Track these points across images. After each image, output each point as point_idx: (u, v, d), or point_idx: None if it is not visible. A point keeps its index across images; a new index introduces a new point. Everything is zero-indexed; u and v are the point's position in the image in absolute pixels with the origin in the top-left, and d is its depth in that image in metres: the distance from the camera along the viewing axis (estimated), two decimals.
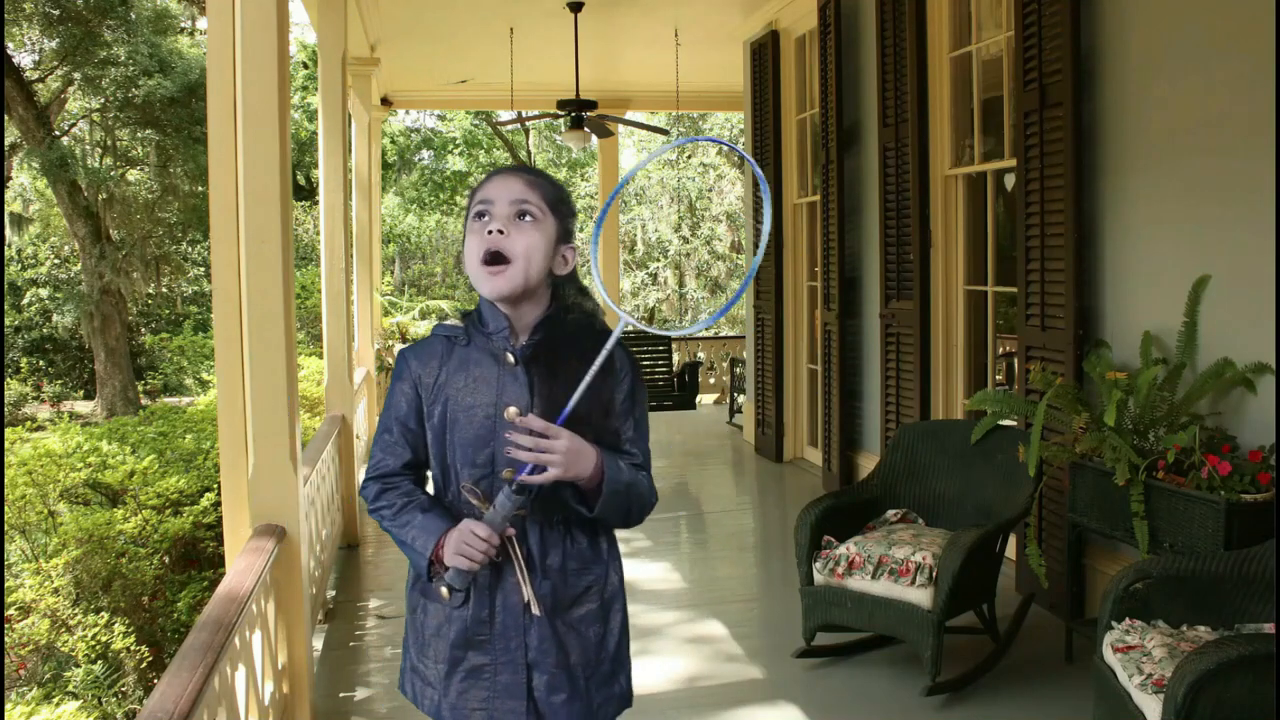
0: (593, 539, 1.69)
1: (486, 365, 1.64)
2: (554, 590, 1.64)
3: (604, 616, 1.69)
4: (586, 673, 1.67)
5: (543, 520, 1.64)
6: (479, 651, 1.65)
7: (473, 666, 1.65)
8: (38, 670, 4.92)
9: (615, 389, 1.65)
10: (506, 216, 1.60)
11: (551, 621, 1.64)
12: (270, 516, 2.88)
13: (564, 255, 1.65)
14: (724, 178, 19.88)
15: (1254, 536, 2.89)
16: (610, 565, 1.72)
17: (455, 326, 1.69)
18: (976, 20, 5.05)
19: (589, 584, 1.68)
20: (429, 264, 23.19)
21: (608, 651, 1.69)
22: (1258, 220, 3.21)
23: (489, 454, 1.62)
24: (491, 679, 1.64)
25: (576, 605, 1.66)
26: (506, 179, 1.63)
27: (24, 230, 17.57)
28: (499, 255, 1.58)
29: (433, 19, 7.66)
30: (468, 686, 1.65)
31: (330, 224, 5.56)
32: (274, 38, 2.78)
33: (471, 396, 1.63)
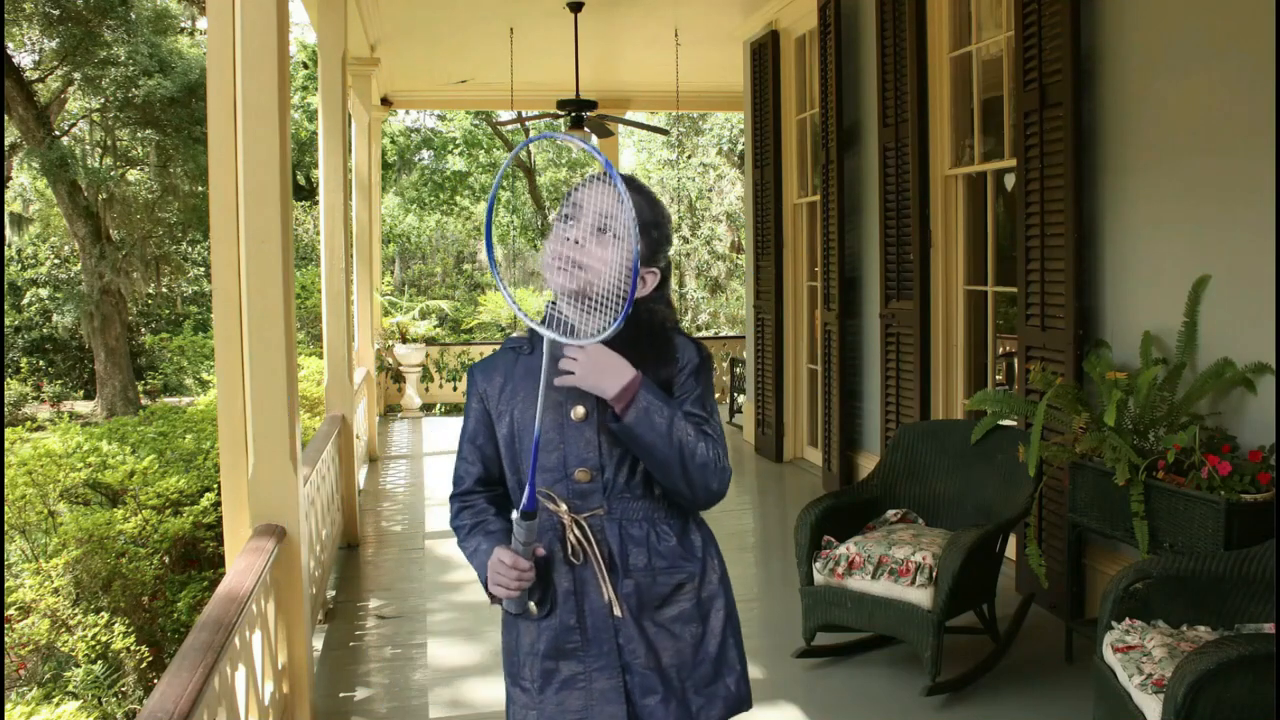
0: (683, 536, 1.64)
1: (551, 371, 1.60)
2: (638, 590, 1.60)
3: (701, 616, 1.64)
4: (682, 675, 1.61)
5: (622, 518, 1.61)
6: (572, 660, 1.61)
7: (567, 676, 1.61)
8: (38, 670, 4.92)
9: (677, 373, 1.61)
10: (589, 228, 1.57)
11: (639, 622, 1.60)
12: (270, 516, 2.88)
13: (644, 277, 1.61)
14: (724, 178, 19.88)
15: (1254, 536, 2.90)
16: (707, 563, 1.66)
17: (521, 338, 1.69)
18: (976, 20, 5.05)
19: (680, 582, 1.62)
20: (429, 264, 23.19)
21: (707, 653, 1.63)
22: (1258, 220, 3.21)
23: (559, 457, 1.60)
24: (587, 686, 1.60)
25: (667, 605, 1.62)
26: (601, 188, 1.58)
27: (24, 230, 17.58)
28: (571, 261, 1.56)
29: (433, 19, 7.66)
30: (564, 698, 1.61)
31: (330, 224, 5.56)
32: (274, 38, 2.78)
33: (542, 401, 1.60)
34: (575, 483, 1.60)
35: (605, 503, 1.59)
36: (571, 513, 1.60)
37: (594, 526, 1.60)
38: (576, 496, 1.60)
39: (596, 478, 1.60)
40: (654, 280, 1.63)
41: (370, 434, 7.97)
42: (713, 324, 19.90)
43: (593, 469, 1.59)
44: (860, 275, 6.13)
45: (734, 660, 1.67)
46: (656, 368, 1.60)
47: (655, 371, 1.59)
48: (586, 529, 1.59)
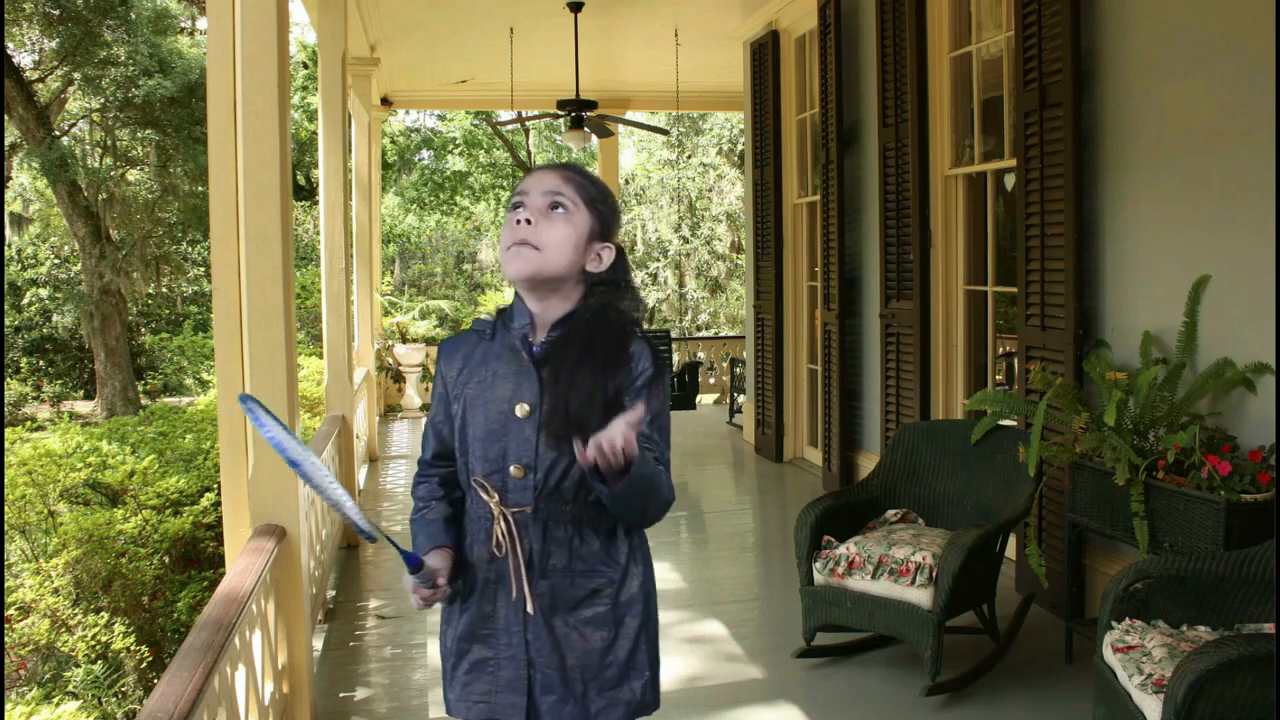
0: (607, 542, 1.66)
1: (507, 360, 1.64)
2: (553, 590, 1.63)
3: (616, 621, 1.66)
4: (586, 676, 1.64)
5: (548, 519, 1.62)
6: (483, 645, 1.66)
7: (477, 659, 1.67)
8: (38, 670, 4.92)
9: (629, 384, 1.60)
10: (538, 208, 1.60)
11: (549, 621, 1.63)
12: (270, 516, 2.88)
13: (599, 253, 1.64)
14: (724, 178, 19.88)
15: (1254, 536, 2.89)
16: (629, 570, 1.68)
17: (486, 321, 1.71)
18: (976, 20, 5.05)
19: (597, 587, 1.64)
20: (429, 264, 23.18)
21: (616, 658, 1.65)
22: (1258, 220, 3.21)
23: (500, 449, 1.62)
24: (495, 673, 1.65)
25: (581, 607, 1.64)
26: (544, 173, 1.64)
27: (24, 230, 17.58)
28: (525, 243, 1.58)
29: (433, 19, 7.66)
30: (472, 679, 1.67)
31: (330, 224, 5.56)
32: (274, 38, 2.78)
33: (490, 391, 1.64)
34: (510, 477, 1.62)
35: (534, 501, 1.61)
36: (501, 505, 1.62)
37: (520, 522, 1.62)
38: (508, 490, 1.62)
39: (529, 475, 1.61)
40: (609, 256, 1.65)
41: (370, 434, 7.97)
42: (713, 324, 19.90)
43: (526, 466, 1.61)
44: (860, 275, 6.13)
45: (644, 665, 1.69)
46: (607, 375, 1.58)
47: (605, 380, 1.58)
48: (512, 523, 1.62)
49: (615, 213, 1.68)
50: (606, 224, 1.65)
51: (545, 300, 1.63)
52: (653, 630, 1.72)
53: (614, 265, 1.66)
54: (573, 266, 1.61)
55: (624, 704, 1.67)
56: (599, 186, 1.66)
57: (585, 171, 1.68)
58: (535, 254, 1.58)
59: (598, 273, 1.64)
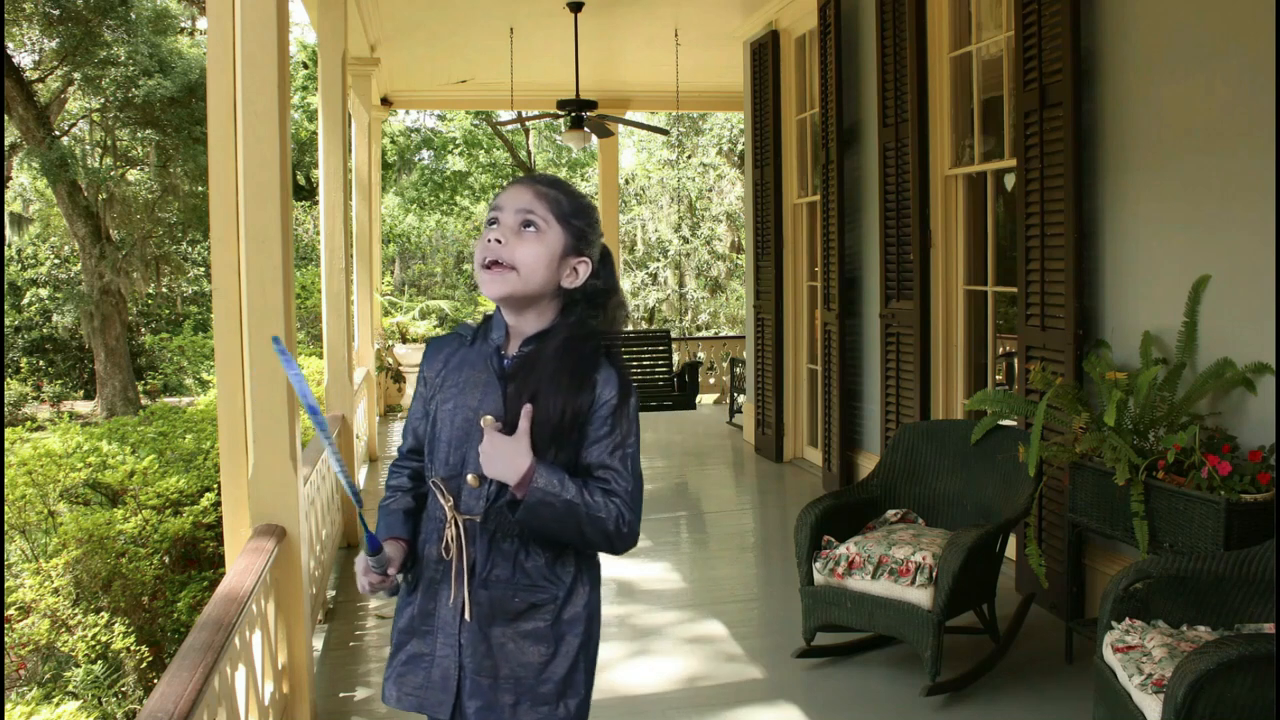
0: (554, 560, 1.65)
1: (479, 370, 1.67)
2: (493, 600, 1.64)
3: (556, 637, 1.66)
4: (518, 689, 1.64)
5: (495, 530, 1.63)
6: (421, 640, 1.69)
7: (413, 654, 1.70)
8: (38, 670, 4.92)
9: (593, 409, 1.61)
10: (511, 226, 1.62)
11: (486, 630, 1.64)
12: (270, 516, 2.88)
13: (574, 268, 1.65)
14: (724, 178, 19.88)
15: (1254, 536, 2.90)
16: (575, 589, 1.68)
17: (470, 326, 1.73)
18: (976, 20, 5.05)
19: (538, 602, 1.64)
20: (429, 264, 23.19)
21: (552, 674, 1.65)
22: (1258, 220, 3.21)
23: (460, 456, 1.65)
24: (428, 669, 1.68)
25: (521, 620, 1.64)
26: (518, 188, 1.65)
27: (24, 230, 17.58)
28: (497, 262, 1.61)
29: (433, 19, 7.66)
30: (407, 671, 1.70)
31: (330, 224, 5.56)
32: (274, 38, 2.79)
33: (460, 397, 1.67)
34: (466, 485, 1.64)
35: (484, 511, 1.63)
36: (455, 510, 1.64)
37: (469, 530, 1.64)
38: (463, 497, 1.65)
39: (483, 486, 1.64)
40: (585, 270, 1.66)
41: (370, 434, 7.97)
42: (713, 324, 19.91)
43: (481, 477, 1.63)
44: (860, 275, 6.13)
45: (579, 685, 1.69)
46: (565, 399, 1.59)
47: (563, 403, 1.59)
48: (462, 530, 1.64)
49: (591, 225, 1.67)
50: (581, 238, 1.65)
51: (521, 315, 1.66)
52: (593, 652, 1.72)
53: (597, 274, 1.68)
54: (547, 284, 1.63)
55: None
56: (574, 201, 1.66)
57: (561, 185, 1.68)
58: (511, 274, 1.60)
59: (574, 288, 1.65)
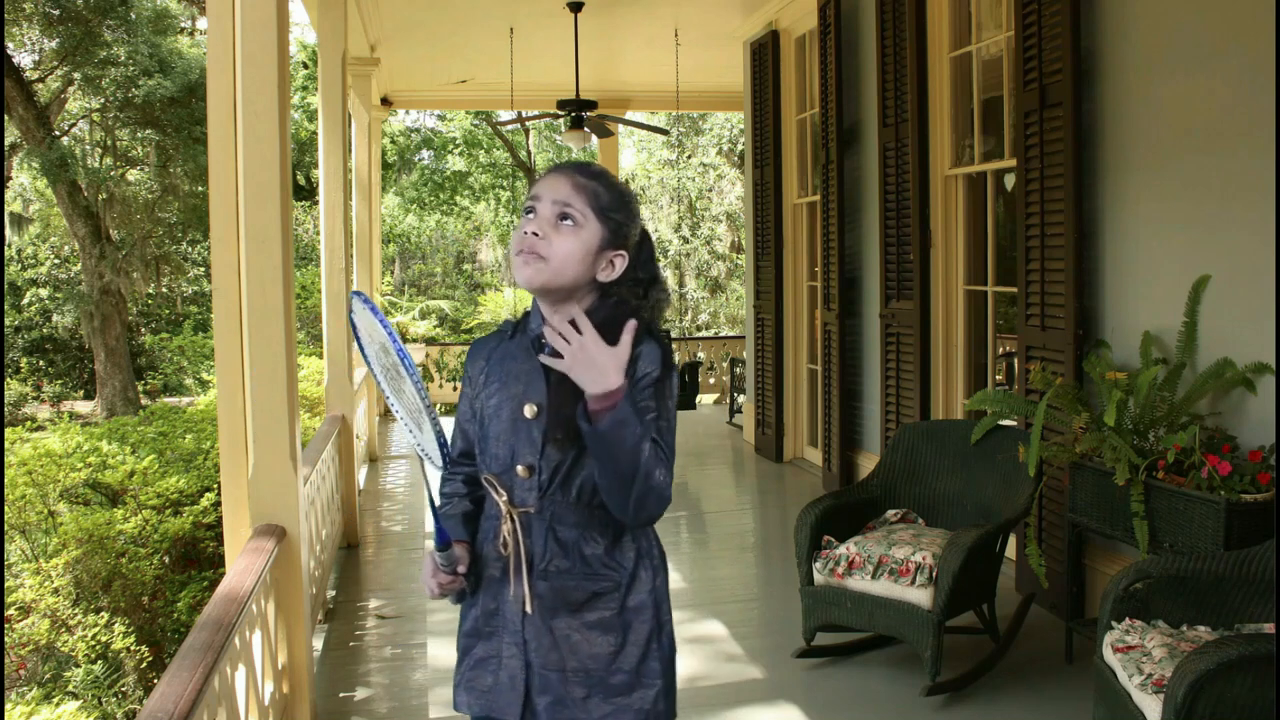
0: (613, 546, 1.63)
1: (521, 361, 1.65)
2: (554, 591, 1.62)
3: (622, 627, 1.63)
4: (590, 681, 1.62)
5: (553, 520, 1.62)
6: (486, 642, 1.67)
7: (481, 656, 1.67)
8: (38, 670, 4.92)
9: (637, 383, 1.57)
10: (548, 218, 1.59)
11: (549, 622, 1.62)
12: (270, 516, 2.88)
13: (611, 261, 1.62)
14: (724, 178, 19.88)
15: (1254, 536, 2.89)
16: (638, 575, 1.65)
17: (511, 322, 1.72)
18: (976, 20, 5.05)
19: (600, 590, 1.62)
20: (429, 264, 23.20)
21: (623, 665, 1.63)
22: (1258, 220, 3.21)
23: (509, 448, 1.63)
24: (496, 671, 1.65)
25: (585, 610, 1.62)
26: (557, 178, 1.62)
27: (24, 230, 17.58)
28: (533, 253, 1.58)
29: (433, 19, 7.66)
30: (476, 675, 1.68)
31: (330, 224, 5.56)
32: (274, 38, 2.78)
33: (505, 391, 1.65)
34: (516, 477, 1.62)
35: (538, 501, 1.62)
36: (509, 504, 1.62)
37: (524, 522, 1.62)
38: (516, 489, 1.63)
39: (534, 476, 1.61)
40: (621, 263, 1.63)
41: (370, 434, 7.97)
42: (713, 324, 19.91)
43: (530, 467, 1.61)
44: (860, 275, 6.13)
45: (655, 674, 1.65)
46: None
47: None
48: (518, 523, 1.62)
49: (630, 218, 1.65)
50: (618, 232, 1.63)
51: (558, 306, 1.63)
52: (666, 639, 1.68)
53: (635, 265, 1.66)
54: (581, 277, 1.60)
55: (634, 712, 1.63)
56: (613, 192, 1.63)
57: (601, 175, 1.64)
58: (543, 265, 1.57)
59: (610, 280, 1.63)
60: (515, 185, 20.96)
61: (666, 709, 1.67)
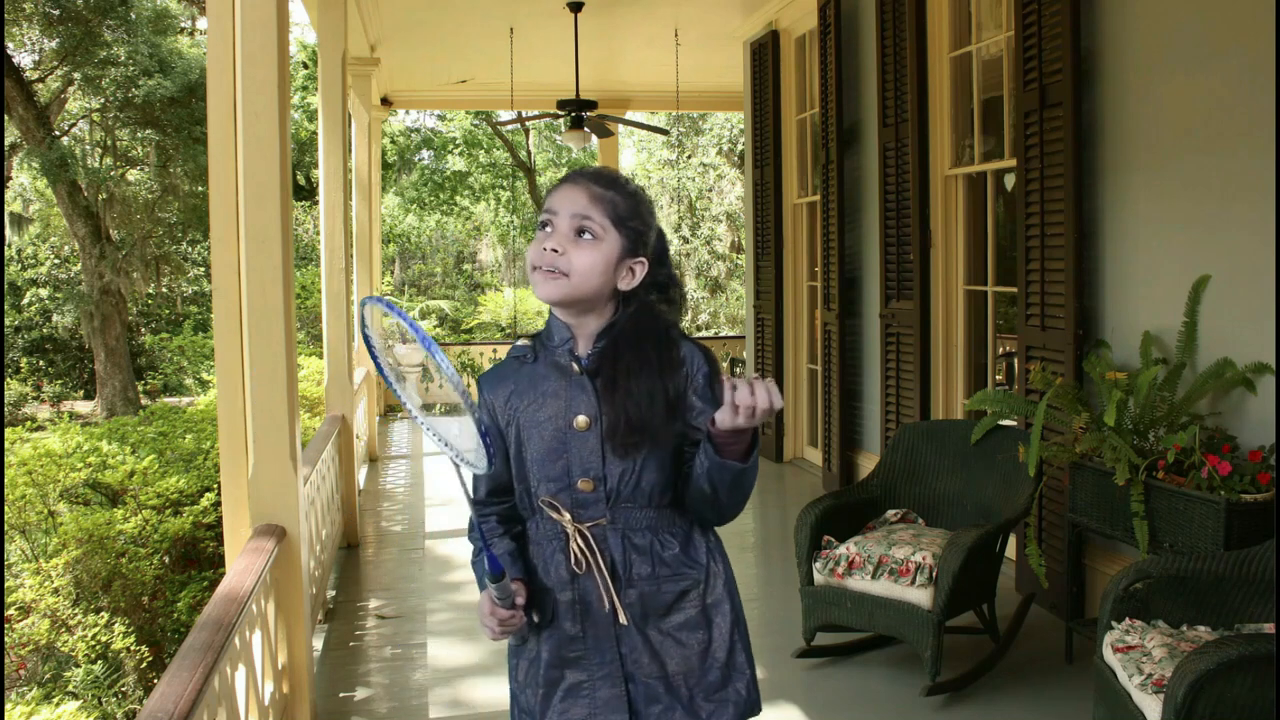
0: (686, 543, 1.63)
1: (554, 379, 1.62)
2: (642, 599, 1.59)
3: (707, 622, 1.63)
4: (690, 682, 1.61)
5: (625, 528, 1.60)
6: (575, 669, 1.61)
7: (571, 685, 1.61)
8: (38, 670, 4.92)
9: (687, 385, 1.59)
10: (566, 232, 1.56)
11: (643, 630, 1.60)
12: (270, 516, 2.88)
13: (631, 269, 1.61)
14: (724, 178, 19.88)
15: (1254, 536, 2.89)
16: (711, 569, 1.65)
17: (524, 346, 1.68)
18: (976, 20, 5.05)
19: (684, 589, 1.62)
20: (429, 264, 23.20)
21: (715, 659, 1.63)
22: (1258, 220, 3.21)
23: (563, 466, 1.59)
24: (591, 695, 1.60)
25: (672, 613, 1.61)
26: (572, 190, 1.59)
27: (24, 230, 17.58)
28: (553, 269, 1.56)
29: (433, 19, 7.66)
30: (569, 706, 1.61)
31: (330, 224, 5.56)
32: (274, 38, 2.78)
33: (541, 411, 1.61)
34: (578, 492, 1.59)
35: (608, 512, 1.59)
36: (575, 522, 1.59)
37: (597, 536, 1.59)
38: (580, 506, 1.59)
39: (599, 487, 1.58)
40: (641, 270, 1.62)
41: (370, 434, 7.97)
42: (713, 324, 19.91)
43: (595, 478, 1.58)
44: (860, 275, 6.13)
45: (743, 665, 1.66)
46: (664, 378, 1.57)
47: (663, 382, 1.57)
48: (590, 538, 1.58)
49: (648, 224, 1.63)
50: (638, 240, 1.61)
51: (581, 317, 1.61)
52: (744, 628, 1.69)
53: (654, 270, 1.64)
54: (603, 289, 1.58)
55: (731, 704, 1.64)
56: (630, 200, 1.61)
57: (617, 183, 1.62)
58: (565, 280, 1.55)
59: (628, 289, 1.61)
60: (515, 185, 20.96)
61: (756, 697, 1.68)
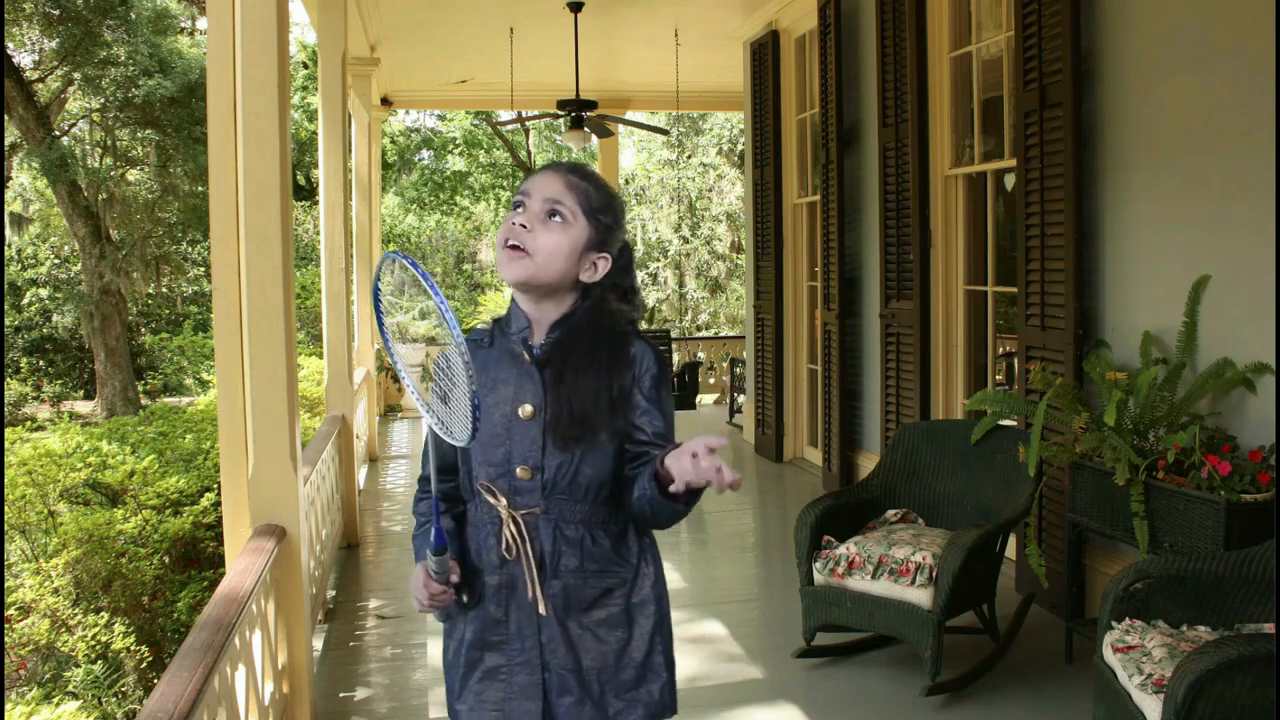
0: (618, 542, 1.65)
1: (506, 366, 1.65)
2: (566, 591, 1.62)
3: (629, 621, 1.65)
4: (604, 678, 1.63)
5: (558, 520, 1.62)
6: (495, 652, 1.64)
7: (490, 667, 1.65)
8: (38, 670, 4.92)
9: (635, 385, 1.62)
10: (536, 213, 1.60)
11: (564, 623, 1.62)
12: (270, 516, 2.88)
13: (594, 263, 1.64)
14: (724, 178, 19.88)
15: (1254, 536, 2.89)
16: (641, 569, 1.67)
17: (483, 330, 1.71)
18: (976, 20, 5.05)
19: (610, 586, 1.63)
20: (429, 264, 23.17)
21: (631, 658, 1.65)
22: (1258, 220, 3.21)
23: (504, 452, 1.62)
24: (508, 679, 1.63)
25: (595, 608, 1.63)
26: (549, 176, 1.63)
27: (24, 230, 17.58)
28: (517, 246, 1.59)
29: (433, 19, 7.66)
30: (485, 688, 1.65)
31: (330, 224, 5.56)
32: (274, 38, 2.78)
33: (490, 396, 1.64)
34: (516, 479, 1.61)
35: (543, 502, 1.61)
36: (510, 508, 1.61)
37: (529, 524, 1.61)
38: (516, 493, 1.62)
39: (537, 476, 1.61)
40: (605, 265, 1.65)
41: (370, 434, 7.97)
42: (713, 324, 19.90)
43: (533, 467, 1.61)
44: (860, 275, 6.13)
45: (660, 667, 1.67)
46: (610, 375, 1.60)
47: (610, 380, 1.59)
48: (522, 525, 1.61)
49: (617, 222, 1.67)
50: (605, 235, 1.64)
51: (540, 304, 1.64)
52: (667, 632, 1.70)
53: (615, 271, 1.67)
54: (565, 275, 1.62)
55: (642, 705, 1.65)
56: (603, 195, 1.65)
57: (593, 177, 1.66)
58: (528, 260, 1.59)
59: (590, 282, 1.64)
60: (515, 185, 20.96)
61: (671, 702, 1.69)
